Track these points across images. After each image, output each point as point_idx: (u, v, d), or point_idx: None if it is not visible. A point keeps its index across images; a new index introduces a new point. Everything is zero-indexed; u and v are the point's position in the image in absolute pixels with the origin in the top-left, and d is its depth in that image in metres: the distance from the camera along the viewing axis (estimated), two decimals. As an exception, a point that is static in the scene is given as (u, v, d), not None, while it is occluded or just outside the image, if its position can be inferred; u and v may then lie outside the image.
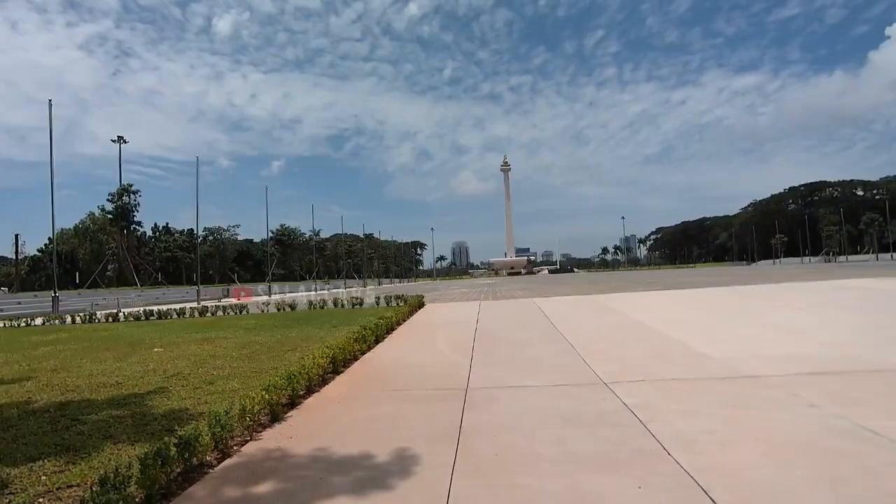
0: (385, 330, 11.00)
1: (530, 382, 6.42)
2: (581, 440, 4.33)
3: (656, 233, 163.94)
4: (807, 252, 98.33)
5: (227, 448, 4.37)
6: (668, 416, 4.85)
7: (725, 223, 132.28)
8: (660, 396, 5.51)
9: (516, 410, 5.33)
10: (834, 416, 4.65)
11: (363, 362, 8.29)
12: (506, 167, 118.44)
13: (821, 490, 3.26)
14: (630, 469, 3.69)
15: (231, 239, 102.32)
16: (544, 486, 3.50)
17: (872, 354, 7.06)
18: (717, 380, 6.13)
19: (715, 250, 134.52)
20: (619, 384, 6.05)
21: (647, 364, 7.13)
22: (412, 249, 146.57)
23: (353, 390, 6.52)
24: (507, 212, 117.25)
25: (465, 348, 9.01)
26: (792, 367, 6.46)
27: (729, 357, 7.25)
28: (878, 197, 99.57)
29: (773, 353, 7.46)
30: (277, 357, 8.62)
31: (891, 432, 4.13)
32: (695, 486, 3.37)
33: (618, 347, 8.69)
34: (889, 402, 5.02)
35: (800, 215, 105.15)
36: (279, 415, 5.30)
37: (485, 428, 4.79)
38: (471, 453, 4.15)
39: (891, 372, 6.12)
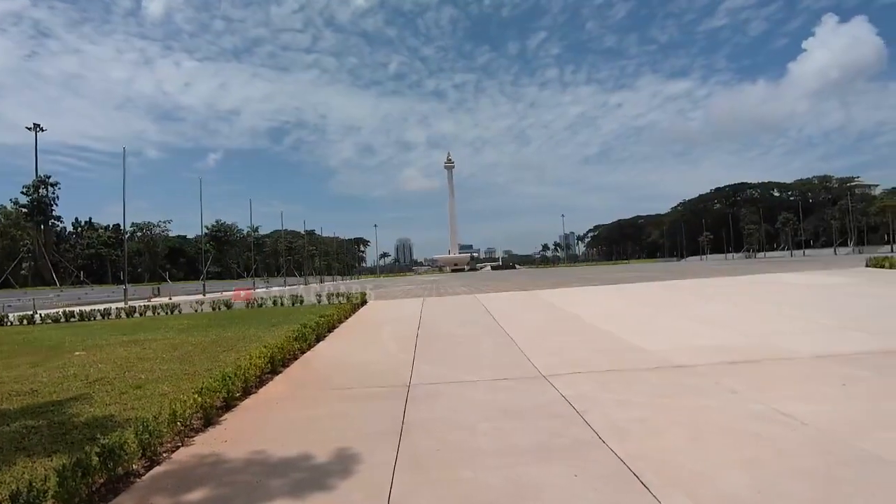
0: (326, 328, 10.80)
1: (472, 377, 6.49)
2: (521, 432, 4.42)
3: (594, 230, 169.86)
4: (730, 248, 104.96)
5: (157, 455, 4.15)
6: (603, 406, 5.04)
7: (657, 221, 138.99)
8: (596, 387, 5.72)
9: (458, 405, 5.37)
10: (752, 401, 4.99)
11: (303, 361, 8.10)
12: (450, 164, 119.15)
13: (740, 471, 3.48)
14: (567, 458, 3.81)
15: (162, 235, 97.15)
16: (485, 478, 3.55)
17: (787, 343, 7.61)
18: (648, 370, 6.43)
19: (648, 247, 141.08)
20: (558, 377, 6.22)
21: (584, 357, 7.38)
22: (355, 246, 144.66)
23: (293, 390, 6.37)
24: (451, 209, 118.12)
25: (407, 345, 8.99)
26: (716, 357, 6.87)
27: (659, 348, 7.62)
28: (792, 198, 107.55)
29: (700, 343, 7.90)
30: (212, 358, 8.27)
31: (802, 415, 4.47)
32: (627, 472, 3.52)
33: (557, 341, 8.93)
34: (800, 387, 5.43)
35: (724, 214, 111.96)
36: (213, 418, 5.09)
37: (427, 424, 4.80)
38: (413, 450, 4.15)
39: (802, 359, 6.63)
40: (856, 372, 5.87)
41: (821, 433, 4.10)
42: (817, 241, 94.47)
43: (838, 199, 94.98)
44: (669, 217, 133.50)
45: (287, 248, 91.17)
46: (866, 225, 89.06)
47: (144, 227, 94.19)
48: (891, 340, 7.40)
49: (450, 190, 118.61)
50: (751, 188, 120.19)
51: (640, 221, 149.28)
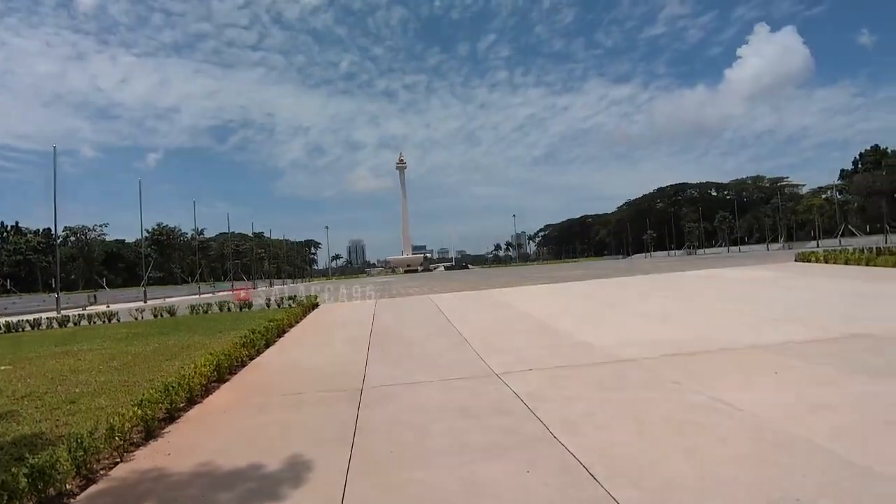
0: (276, 333, 10.54)
1: (426, 378, 6.49)
2: (474, 431, 4.45)
3: (544, 230, 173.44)
4: (672, 246, 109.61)
5: (93, 473, 3.93)
6: (553, 402, 5.15)
7: (604, 221, 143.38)
8: (547, 384, 5.83)
9: (412, 407, 5.36)
10: (693, 391, 5.22)
11: (252, 368, 7.87)
12: (401, 165, 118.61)
13: (683, 459, 3.64)
14: (520, 455, 3.87)
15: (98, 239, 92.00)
16: (439, 478, 3.56)
17: (724, 335, 8.01)
18: (596, 365, 6.62)
19: (595, 245, 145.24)
20: (510, 374, 6.31)
21: (535, 354, 7.51)
22: (305, 248, 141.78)
23: (241, 398, 6.17)
24: (404, 210, 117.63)
25: (360, 347, 8.89)
26: (659, 350, 7.14)
27: (607, 344, 7.85)
28: (728, 197, 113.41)
29: (645, 337, 8.20)
30: (153, 368, 7.90)
31: (739, 403, 4.72)
32: (578, 465, 3.60)
33: (509, 339, 9.05)
34: (737, 377, 5.73)
35: (667, 213, 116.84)
36: (155, 431, 4.87)
37: (381, 426, 4.76)
38: (366, 453, 4.11)
39: (739, 350, 6.99)
40: (787, 361, 6.24)
41: (756, 420, 4.33)
42: (752, 237, 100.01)
43: (770, 198, 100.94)
44: (615, 216, 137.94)
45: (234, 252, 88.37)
46: (795, 222, 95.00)
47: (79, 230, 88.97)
48: (817, 330, 7.91)
49: (402, 190, 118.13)
50: (690, 188, 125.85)
51: (587, 221, 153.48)
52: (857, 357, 6.24)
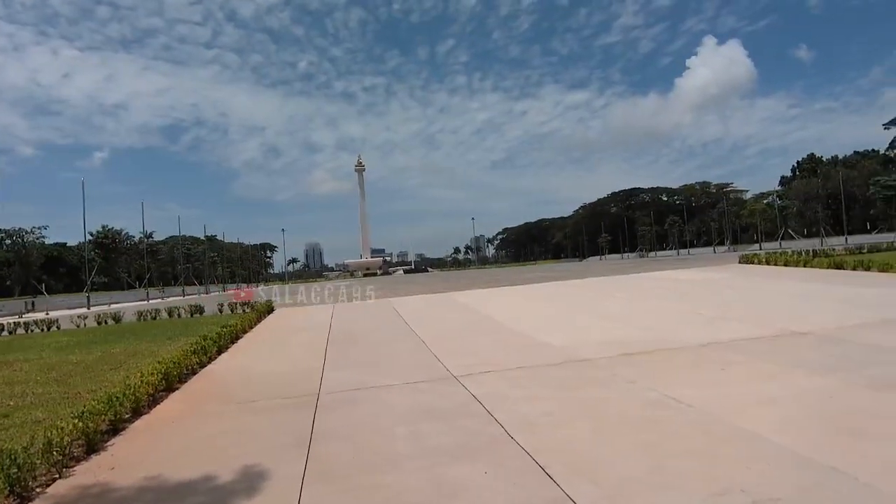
0: (229, 339, 10.21)
1: (384, 382, 6.42)
2: (437, 434, 4.44)
3: (503, 233, 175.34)
4: (626, 249, 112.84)
5: (28, 491, 3.68)
6: (512, 403, 5.19)
7: (561, 224, 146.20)
8: (505, 385, 5.88)
9: (370, 411, 5.29)
10: (647, 389, 5.37)
11: (204, 376, 7.60)
12: (360, 167, 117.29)
13: (637, 454, 3.74)
14: (478, 457, 3.88)
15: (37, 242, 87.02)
16: (393, 482, 3.52)
17: (675, 334, 8.28)
18: (554, 366, 6.72)
19: (553, 248, 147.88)
20: (469, 377, 6.33)
21: (495, 356, 7.57)
22: (261, 252, 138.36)
23: (191, 407, 5.94)
24: (362, 212, 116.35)
25: (317, 352, 8.72)
26: (615, 350, 7.32)
27: (565, 345, 7.99)
28: (678, 202, 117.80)
29: (601, 338, 8.38)
30: (96, 378, 7.50)
31: (689, 399, 4.89)
32: (534, 465, 3.64)
33: (468, 342, 9.09)
34: (687, 374, 5.94)
35: (620, 217, 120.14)
36: (98, 444, 4.62)
37: (338, 432, 4.69)
38: (323, 459, 4.02)
39: (689, 348, 7.25)
40: (733, 357, 6.52)
41: (705, 415, 4.50)
42: (700, 240, 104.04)
43: (716, 203, 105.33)
44: (572, 220, 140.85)
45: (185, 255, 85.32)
46: (739, 226, 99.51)
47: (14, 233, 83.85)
48: (760, 328, 8.29)
49: (360, 193, 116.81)
50: (643, 193, 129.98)
51: (545, 224, 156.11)
52: (798, 353, 6.58)
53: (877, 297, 11.02)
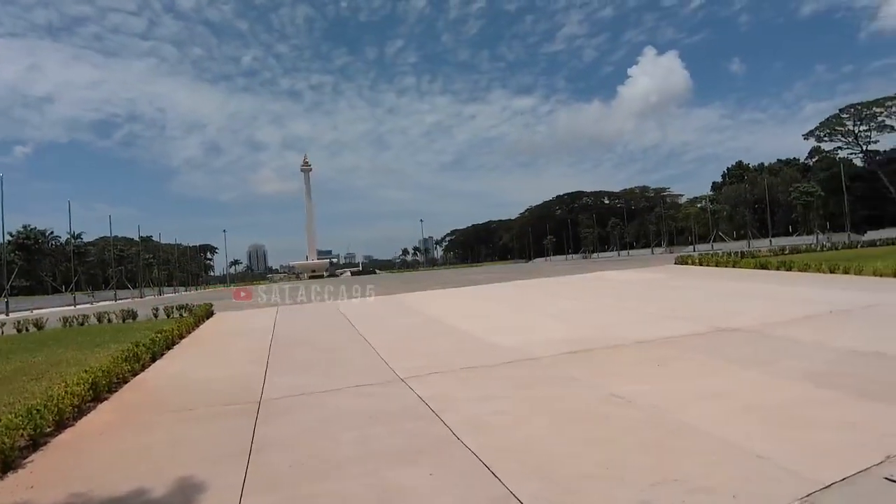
0: (164, 345, 9.73)
1: (330, 386, 6.29)
2: (383, 438, 4.38)
3: (451, 235, 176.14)
4: (570, 250, 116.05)
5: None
6: (459, 403, 5.20)
7: (508, 226, 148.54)
8: (453, 386, 5.89)
9: (314, 417, 5.17)
10: (592, 386, 5.53)
11: (136, 384, 7.19)
12: (306, 167, 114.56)
13: (585, 451, 3.83)
14: (426, 458, 3.86)
15: (-54, 244, 79.95)
16: (336, 489, 3.45)
17: (617, 332, 8.56)
18: (503, 365, 6.79)
19: (500, 250, 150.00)
20: (417, 379, 6.30)
21: (443, 357, 7.57)
22: (201, 254, 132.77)
23: (123, 418, 5.61)
24: (309, 213, 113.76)
25: (259, 357, 8.45)
26: (561, 348, 7.49)
27: (513, 344, 8.10)
28: (619, 205, 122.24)
29: (547, 337, 8.56)
30: (15, 390, 6.94)
31: (631, 395, 5.06)
32: (481, 465, 3.66)
33: (416, 344, 9.06)
34: (629, 370, 6.15)
35: (565, 219, 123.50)
36: (16, 461, 4.27)
37: (281, 439, 4.54)
38: (265, 468, 3.89)
39: (629, 345, 7.51)
40: (672, 353, 6.81)
41: (646, 409, 4.67)
42: (639, 242, 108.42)
43: (654, 207, 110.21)
44: (518, 222, 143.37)
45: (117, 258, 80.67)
46: (675, 228, 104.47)
47: (-80, 234, 76.68)
48: (696, 325, 8.70)
49: (307, 193, 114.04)
50: (586, 196, 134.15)
51: (492, 226, 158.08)
52: (729, 348, 6.95)
53: (796, 295, 11.82)
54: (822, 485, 3.09)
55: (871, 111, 75.79)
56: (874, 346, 6.39)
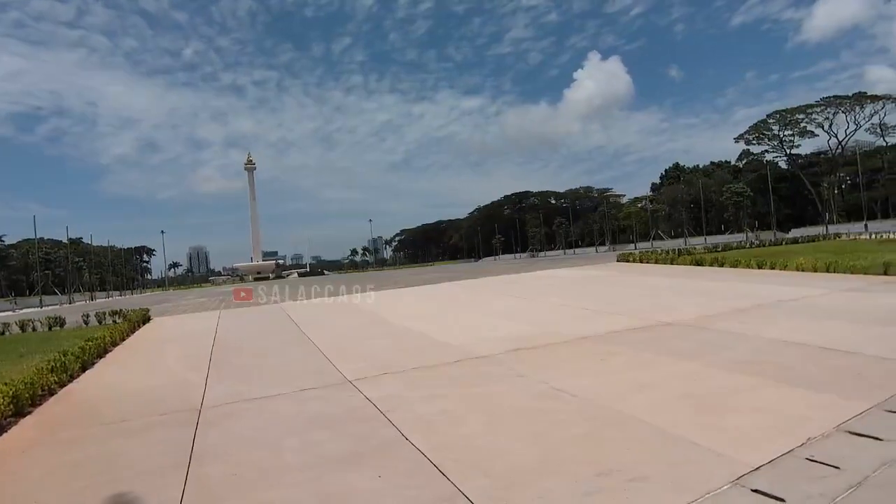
0: (96, 353, 9.18)
1: (273, 392, 6.11)
2: (325, 442, 4.30)
3: (401, 235, 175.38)
4: (518, 249, 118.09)
5: None
6: (408, 404, 5.18)
7: (457, 225, 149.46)
8: (402, 387, 5.86)
9: (258, 423, 5.02)
10: (536, 381, 5.64)
11: (63, 396, 6.75)
12: (250, 166, 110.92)
13: (528, 444, 3.91)
14: (373, 461, 3.82)
15: None
16: (278, 497, 3.36)
17: (561, 328, 8.78)
18: (451, 364, 6.82)
19: (450, 249, 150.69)
20: (364, 380, 6.23)
21: (391, 358, 7.52)
22: (137, 256, 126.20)
23: (49, 433, 5.24)
24: (253, 213, 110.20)
25: (199, 364, 8.11)
26: (508, 346, 7.60)
27: (461, 343, 8.14)
28: (564, 205, 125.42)
29: (495, 335, 8.66)
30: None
31: (573, 389, 5.20)
32: (429, 464, 3.66)
33: (364, 345, 8.95)
34: (571, 365, 6.31)
35: (513, 219, 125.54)
36: (-79, 484, 3.91)
37: (223, 448, 4.38)
38: (204, 480, 3.73)
39: (572, 341, 7.72)
40: (613, 348, 7.05)
41: (588, 402, 4.81)
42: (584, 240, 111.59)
43: (598, 207, 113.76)
44: (467, 221, 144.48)
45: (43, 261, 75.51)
46: (617, 227, 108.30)
47: None
48: (635, 320, 9.04)
49: (251, 193, 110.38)
50: (533, 196, 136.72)
51: (442, 226, 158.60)
52: (666, 342, 7.26)
53: (729, 290, 12.49)
54: (752, 467, 3.28)
55: (794, 117, 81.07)
56: (797, 337, 6.84)
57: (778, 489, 3.01)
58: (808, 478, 3.13)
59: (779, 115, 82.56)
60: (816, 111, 78.34)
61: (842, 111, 76.40)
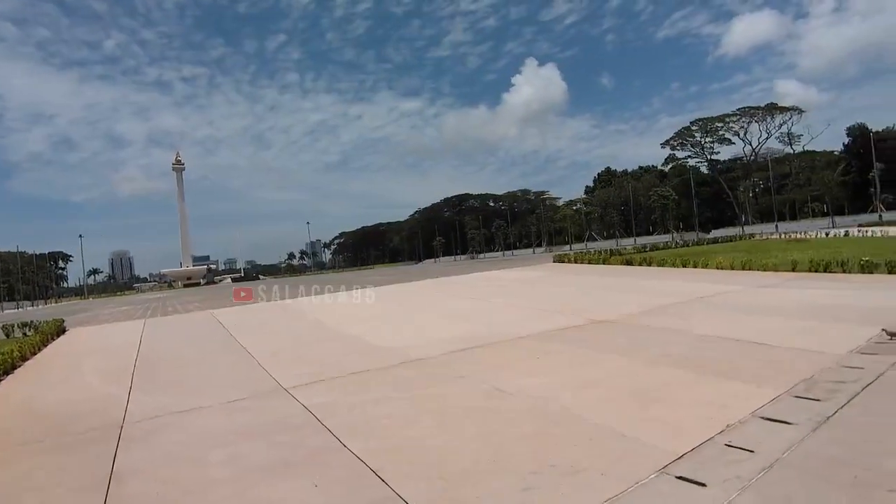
0: (2, 370, 8.41)
1: (203, 403, 5.82)
2: (258, 453, 4.14)
3: (340, 237, 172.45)
4: (458, 251, 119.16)
5: None
6: (346, 409, 5.09)
7: (398, 228, 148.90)
8: (340, 392, 5.75)
9: (186, 438, 4.76)
10: (479, 381, 5.69)
11: (-38, 417, 6.13)
12: (179, 165, 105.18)
13: (473, 445, 3.93)
14: (308, 470, 3.72)
15: None
16: (216, 513, 3.21)
17: (503, 329, 8.91)
18: (392, 367, 6.76)
19: (390, 252, 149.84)
20: (301, 387, 6.06)
21: (330, 363, 7.36)
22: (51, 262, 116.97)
23: (-58, 459, 4.74)
24: (182, 215, 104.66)
25: (121, 377, 7.60)
26: (449, 347, 7.62)
27: (403, 346, 8.09)
28: (502, 207, 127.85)
29: (436, 336, 8.67)
30: None
31: (516, 388, 5.29)
32: (367, 470, 3.60)
33: (301, 351, 8.72)
34: (514, 364, 6.42)
35: (452, 221, 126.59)
36: None
37: (146, 465, 4.12)
38: (126, 499, 3.50)
39: (513, 340, 7.86)
40: (553, 346, 7.24)
41: (529, 401, 4.90)
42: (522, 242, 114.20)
43: (535, 209, 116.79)
44: (408, 224, 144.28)
45: (-60, 270, 68.43)
46: (553, 229, 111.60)
47: None
48: (571, 318, 9.33)
49: (179, 194, 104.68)
50: (472, 198, 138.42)
51: (382, 228, 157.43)
52: (601, 339, 7.53)
53: (657, 288, 13.14)
54: (677, 455, 3.46)
55: (713, 125, 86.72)
56: (718, 331, 7.30)
57: (699, 475, 3.18)
58: (725, 462, 3.33)
59: (700, 122, 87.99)
60: (733, 120, 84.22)
61: (755, 121, 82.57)
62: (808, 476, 3.08)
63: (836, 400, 4.26)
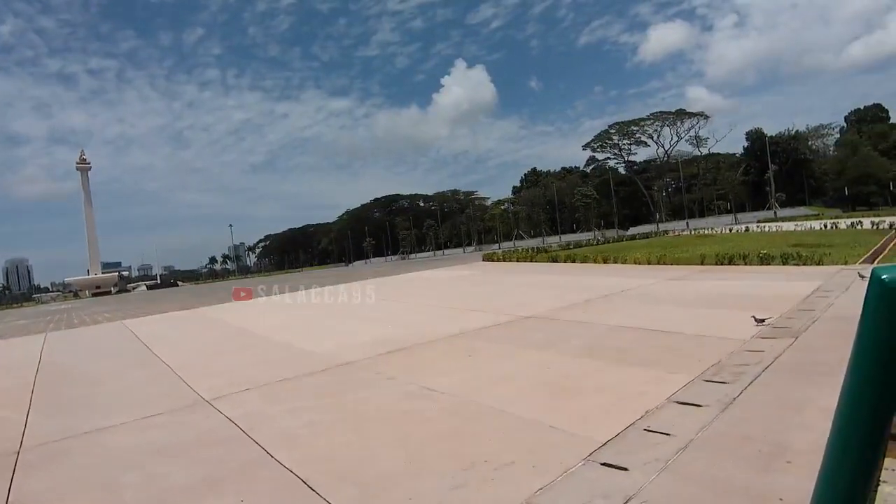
0: None
1: (113, 422, 5.38)
2: (177, 472, 3.89)
3: (265, 240, 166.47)
4: (389, 252, 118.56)
5: None
6: (272, 419, 4.90)
7: (326, 229, 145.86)
8: (265, 401, 5.52)
9: (94, 461, 4.38)
10: (406, 383, 5.66)
11: None
12: (84, 165, 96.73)
13: (395, 448, 3.89)
14: (233, 484, 3.54)
15: None
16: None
17: (431, 329, 8.93)
18: (317, 373, 6.58)
19: (319, 254, 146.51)
20: (224, 398, 5.77)
21: (253, 371, 7.06)
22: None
23: None
24: (89, 219, 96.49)
25: (18, 398, 6.89)
26: (376, 350, 7.53)
27: (328, 351, 7.91)
28: (433, 207, 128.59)
29: (363, 339, 8.54)
30: None
31: (441, 387, 5.31)
32: (296, 480, 3.48)
33: (224, 360, 8.32)
34: (440, 363, 6.44)
35: (383, 222, 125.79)
36: None
37: (49, 495, 3.76)
38: (21, 534, 3.17)
39: (441, 340, 7.89)
40: (478, 344, 7.33)
41: (455, 398, 4.93)
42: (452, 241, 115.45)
43: (465, 209, 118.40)
44: (337, 225, 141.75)
45: None
46: (483, 228, 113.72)
47: None
48: (498, 315, 9.51)
49: (85, 196, 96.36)
50: (402, 199, 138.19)
51: (310, 230, 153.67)
52: (525, 334, 7.73)
53: (579, 283, 13.70)
54: (600, 443, 3.61)
55: (629, 129, 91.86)
56: (634, 322, 7.70)
57: (622, 460, 3.33)
58: (645, 446, 3.51)
59: (618, 126, 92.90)
60: (647, 123, 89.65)
61: (667, 125, 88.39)
62: (718, 453, 3.30)
63: (741, 382, 4.61)
